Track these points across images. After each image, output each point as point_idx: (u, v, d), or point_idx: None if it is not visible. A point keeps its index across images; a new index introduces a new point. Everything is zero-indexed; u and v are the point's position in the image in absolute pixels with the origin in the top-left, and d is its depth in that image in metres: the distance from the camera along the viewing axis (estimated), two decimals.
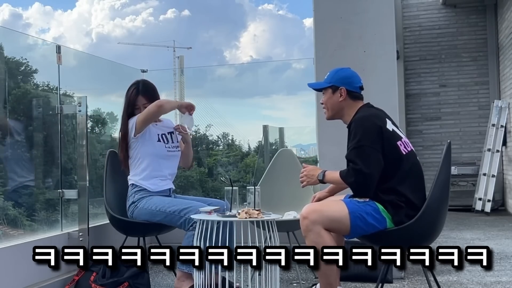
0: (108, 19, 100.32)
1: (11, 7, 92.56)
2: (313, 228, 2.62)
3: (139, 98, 3.52)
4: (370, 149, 2.66)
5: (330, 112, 2.93)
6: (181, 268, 3.27)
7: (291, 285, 3.70)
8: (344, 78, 2.88)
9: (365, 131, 2.69)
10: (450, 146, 2.74)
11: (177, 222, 3.29)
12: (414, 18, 9.56)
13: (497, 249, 4.98)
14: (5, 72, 4.09)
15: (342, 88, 2.85)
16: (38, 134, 4.23)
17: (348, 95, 2.86)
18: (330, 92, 2.89)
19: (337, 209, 2.67)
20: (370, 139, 2.67)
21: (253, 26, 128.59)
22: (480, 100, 9.21)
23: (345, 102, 2.87)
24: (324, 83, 2.93)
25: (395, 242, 2.70)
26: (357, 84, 2.89)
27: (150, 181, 3.48)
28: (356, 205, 2.68)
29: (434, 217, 2.69)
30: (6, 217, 3.89)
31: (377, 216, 2.65)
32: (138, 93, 3.52)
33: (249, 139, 8.69)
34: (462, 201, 8.39)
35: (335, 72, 2.92)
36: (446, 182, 2.71)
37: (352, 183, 2.68)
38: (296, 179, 4.09)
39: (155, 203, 3.39)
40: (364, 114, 2.80)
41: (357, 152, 2.66)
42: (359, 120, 2.76)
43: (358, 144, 2.67)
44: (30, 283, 3.18)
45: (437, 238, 2.83)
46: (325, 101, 2.93)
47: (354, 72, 2.94)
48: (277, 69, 8.87)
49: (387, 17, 3.98)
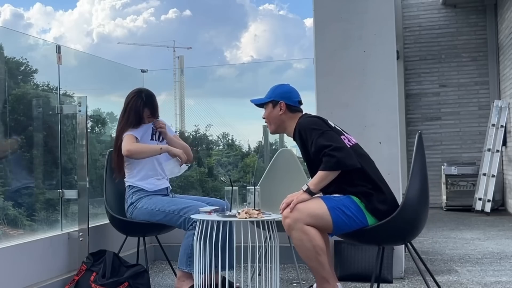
0: (109, 19, 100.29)
1: (13, 7, 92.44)
2: (295, 225, 2.67)
3: (145, 110, 3.53)
4: (328, 132, 2.77)
5: (272, 126, 3.04)
6: (181, 268, 3.27)
7: (291, 285, 3.70)
8: (283, 93, 3.00)
9: (315, 124, 2.81)
10: (421, 137, 2.80)
11: (177, 221, 3.29)
12: (414, 18, 9.57)
13: (497, 249, 4.98)
14: (5, 72, 4.08)
15: (281, 102, 2.97)
16: (38, 134, 4.23)
17: (287, 109, 2.97)
18: (271, 107, 3.01)
19: (316, 206, 2.71)
20: (324, 127, 2.80)
21: (254, 26, 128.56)
22: (480, 100, 9.22)
23: (285, 115, 2.98)
24: (264, 99, 3.05)
25: (378, 239, 2.77)
26: (295, 99, 3.00)
27: (147, 181, 3.49)
28: (334, 200, 2.73)
29: (415, 208, 2.72)
30: (6, 217, 3.89)
31: (354, 207, 2.70)
32: (145, 105, 3.52)
33: (249, 139, 8.69)
34: (462, 201, 8.39)
35: (275, 88, 3.05)
36: (422, 171, 2.75)
37: (335, 162, 2.67)
38: (296, 179, 4.10)
39: (155, 203, 3.39)
40: (306, 119, 2.92)
41: (323, 137, 2.73)
42: (304, 123, 2.87)
43: (319, 133, 2.75)
44: (30, 283, 3.18)
45: (438, 238, 2.83)
46: (266, 115, 3.04)
47: (293, 87, 3.06)
48: (277, 69, 8.86)
49: (387, 17, 3.98)
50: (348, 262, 3.72)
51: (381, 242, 2.81)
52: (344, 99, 3.97)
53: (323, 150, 2.69)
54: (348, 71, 3.96)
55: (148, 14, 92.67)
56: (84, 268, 3.35)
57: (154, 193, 3.47)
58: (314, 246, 2.65)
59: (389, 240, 2.89)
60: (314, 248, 2.65)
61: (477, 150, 8.98)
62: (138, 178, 3.49)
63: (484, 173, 8.11)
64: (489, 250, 4.91)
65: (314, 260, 2.68)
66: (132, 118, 3.51)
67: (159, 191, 3.50)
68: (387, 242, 2.96)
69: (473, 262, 4.39)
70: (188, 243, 3.23)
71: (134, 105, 3.52)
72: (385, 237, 2.77)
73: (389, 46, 3.95)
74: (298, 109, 3.01)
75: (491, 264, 4.27)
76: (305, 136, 2.82)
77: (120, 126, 3.53)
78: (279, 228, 2.89)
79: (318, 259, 2.67)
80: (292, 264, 3.78)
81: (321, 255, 2.67)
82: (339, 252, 3.77)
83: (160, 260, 4.50)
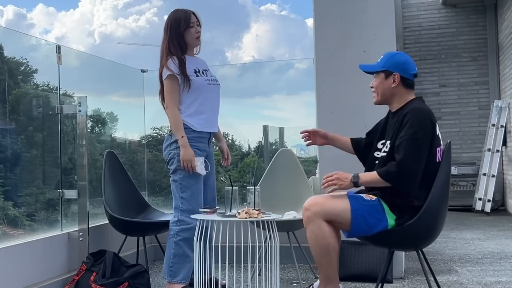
0: (111, 19, 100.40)
1: (16, 7, 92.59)
2: (314, 219, 2.62)
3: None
4: (424, 146, 2.58)
5: (380, 97, 2.81)
6: (164, 277, 3.26)
7: (291, 285, 3.70)
8: (399, 64, 2.76)
9: (422, 126, 2.60)
10: (450, 146, 2.73)
11: (174, 207, 3.26)
12: (414, 18, 9.56)
13: (497, 249, 4.98)
14: (5, 72, 4.08)
15: (396, 74, 2.74)
16: (38, 134, 4.23)
17: (402, 82, 2.75)
18: (383, 77, 2.78)
19: (340, 204, 2.64)
20: (425, 136, 2.59)
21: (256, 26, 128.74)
22: (480, 100, 9.21)
23: (397, 89, 2.76)
24: (377, 66, 2.81)
25: (391, 243, 2.72)
26: (411, 71, 2.77)
27: (196, 117, 3.28)
28: (360, 203, 2.65)
29: (434, 217, 2.67)
30: (6, 217, 3.88)
31: (379, 216, 2.63)
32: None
33: (249, 139, 8.68)
34: (462, 201, 8.39)
35: (390, 57, 2.79)
36: (446, 182, 2.69)
37: (393, 174, 2.56)
38: (296, 179, 4.10)
39: (185, 180, 3.24)
40: (423, 107, 2.69)
41: (411, 144, 2.55)
42: (418, 113, 2.63)
43: (413, 136, 2.56)
44: (30, 283, 3.18)
45: (437, 238, 2.82)
46: (375, 85, 2.81)
47: (409, 57, 2.82)
48: (278, 69, 8.86)
49: (387, 17, 3.98)
50: (348, 262, 3.72)
51: (393, 246, 2.74)
52: (344, 99, 3.97)
53: (397, 153, 2.57)
54: (348, 71, 3.96)
55: (151, 14, 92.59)
56: (84, 268, 3.35)
57: (198, 137, 3.27)
58: (327, 245, 2.62)
59: (402, 245, 2.85)
60: (327, 246, 2.62)
61: (477, 150, 8.98)
62: (189, 114, 3.28)
63: (484, 173, 8.11)
64: (489, 250, 4.91)
65: (324, 258, 2.65)
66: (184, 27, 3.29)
67: (202, 135, 3.30)
68: (399, 247, 2.90)
69: (473, 262, 4.39)
70: (169, 251, 3.23)
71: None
72: (399, 242, 2.72)
73: (389, 46, 3.94)
74: (412, 84, 2.78)
75: (491, 264, 4.27)
76: (409, 123, 2.59)
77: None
78: (279, 228, 2.89)
79: (328, 257, 2.65)
80: (292, 264, 3.78)
81: (332, 255, 2.65)
82: (340, 252, 3.76)
83: (160, 260, 4.49)
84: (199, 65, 3.36)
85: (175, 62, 3.23)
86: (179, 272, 3.19)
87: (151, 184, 5.36)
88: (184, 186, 3.22)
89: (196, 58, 3.43)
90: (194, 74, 3.28)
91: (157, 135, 6.23)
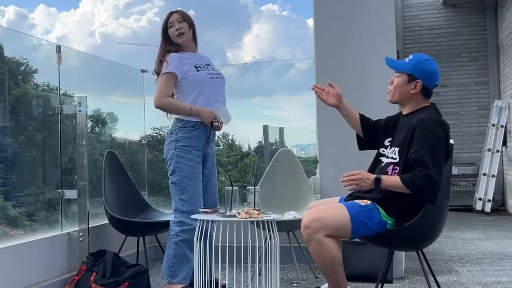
0: (112, 19, 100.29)
1: (17, 7, 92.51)
2: (315, 237, 2.58)
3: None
4: (443, 157, 2.59)
5: (396, 97, 2.78)
6: (164, 277, 3.26)
7: (291, 285, 3.70)
8: (427, 73, 2.71)
9: (438, 137, 2.60)
10: (453, 147, 2.72)
11: (175, 210, 3.26)
12: (414, 18, 9.56)
13: (497, 249, 4.98)
14: (5, 72, 4.08)
15: (419, 82, 2.70)
16: (38, 134, 4.23)
17: (422, 90, 2.71)
18: (406, 80, 2.72)
19: (339, 216, 2.62)
20: (442, 147, 2.60)
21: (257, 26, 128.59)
22: (480, 100, 9.21)
23: (416, 96, 2.73)
24: (403, 67, 2.74)
25: (391, 243, 2.72)
26: (435, 82, 2.74)
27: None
28: (357, 209, 2.64)
29: (435, 218, 2.68)
30: (6, 217, 3.88)
31: (377, 219, 2.63)
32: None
33: (249, 139, 8.68)
34: (462, 201, 8.40)
35: (420, 61, 2.72)
36: (447, 182, 2.70)
37: (420, 187, 2.53)
38: (296, 179, 4.10)
39: (186, 169, 3.23)
40: (437, 118, 2.68)
41: (432, 157, 2.54)
42: (432, 124, 2.63)
43: (432, 148, 2.55)
44: (30, 283, 3.18)
45: (437, 238, 2.83)
46: (395, 84, 2.77)
47: (437, 67, 2.76)
48: (279, 69, 8.85)
49: (387, 17, 3.97)
50: (348, 262, 3.71)
51: (393, 246, 2.75)
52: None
53: (418, 166, 2.54)
54: (348, 71, 3.96)
55: (152, 14, 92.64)
56: (84, 268, 3.35)
57: (199, 132, 3.28)
58: (332, 259, 2.60)
59: (402, 246, 2.85)
60: (332, 260, 2.61)
61: (477, 150, 8.98)
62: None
63: (484, 173, 8.11)
64: (489, 250, 4.91)
65: (330, 269, 2.65)
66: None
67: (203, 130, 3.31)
68: (399, 247, 2.91)
69: (473, 262, 4.39)
70: (169, 252, 3.23)
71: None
72: (399, 242, 2.72)
73: (389, 46, 3.94)
74: (431, 94, 2.76)
75: (491, 264, 4.27)
76: (423, 134, 2.58)
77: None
78: (279, 228, 2.89)
79: (334, 268, 2.64)
80: (292, 264, 3.78)
81: (337, 265, 2.64)
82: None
83: (160, 260, 4.49)
84: (200, 60, 3.38)
85: (174, 59, 3.25)
86: (179, 273, 3.19)
87: (151, 184, 5.36)
88: (183, 188, 3.22)
89: (198, 54, 3.46)
90: (195, 69, 3.29)
91: (157, 135, 6.24)
